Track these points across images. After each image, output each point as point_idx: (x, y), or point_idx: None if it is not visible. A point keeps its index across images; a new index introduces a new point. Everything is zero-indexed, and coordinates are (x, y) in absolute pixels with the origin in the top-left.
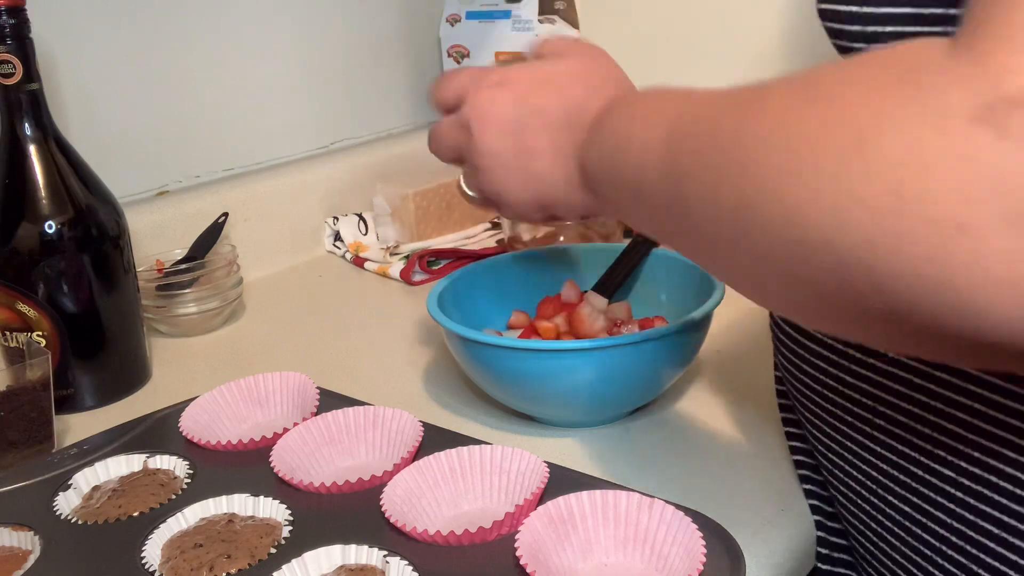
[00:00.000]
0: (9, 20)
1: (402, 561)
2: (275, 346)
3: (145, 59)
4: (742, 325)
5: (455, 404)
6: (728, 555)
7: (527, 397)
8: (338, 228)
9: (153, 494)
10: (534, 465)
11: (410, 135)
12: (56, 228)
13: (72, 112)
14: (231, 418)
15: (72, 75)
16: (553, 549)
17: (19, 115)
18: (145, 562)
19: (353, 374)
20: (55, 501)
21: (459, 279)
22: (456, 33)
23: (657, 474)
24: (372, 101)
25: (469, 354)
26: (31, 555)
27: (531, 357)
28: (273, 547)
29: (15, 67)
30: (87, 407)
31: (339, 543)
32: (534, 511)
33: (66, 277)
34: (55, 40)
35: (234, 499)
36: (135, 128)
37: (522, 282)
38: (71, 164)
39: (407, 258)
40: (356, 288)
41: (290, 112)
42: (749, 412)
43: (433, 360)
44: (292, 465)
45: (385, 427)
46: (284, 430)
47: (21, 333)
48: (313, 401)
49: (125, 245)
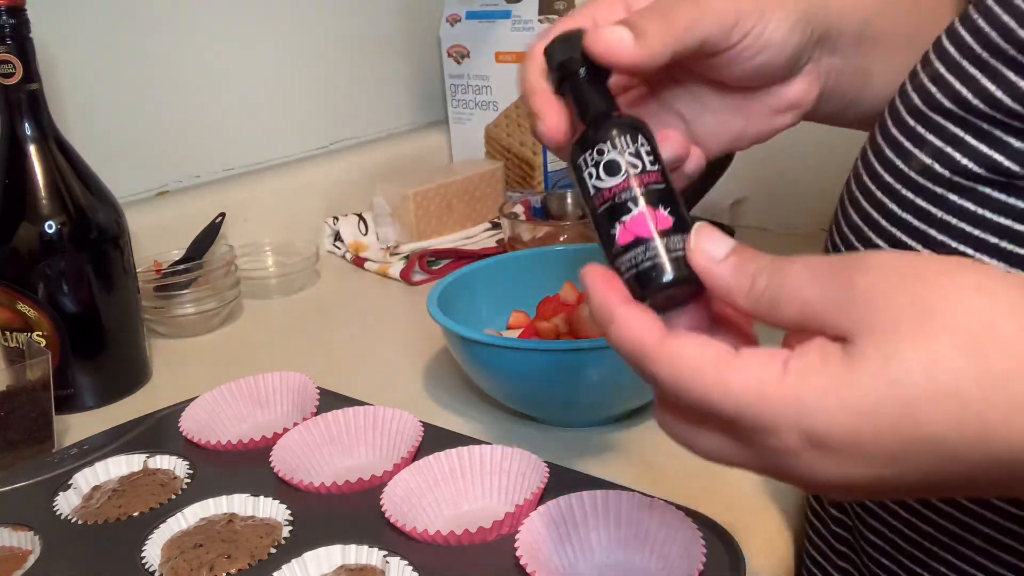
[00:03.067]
0: (9, 20)
1: (402, 561)
2: (275, 346)
3: (145, 59)
4: None
5: (455, 404)
6: (728, 555)
7: (527, 397)
8: (338, 228)
9: (153, 494)
10: (534, 465)
11: (410, 135)
12: (56, 228)
13: (72, 112)
14: (231, 418)
15: (72, 75)
16: (553, 549)
17: (19, 115)
18: (145, 562)
19: (353, 374)
20: (55, 501)
21: (459, 279)
22: (456, 33)
23: (657, 474)
24: (372, 101)
25: (469, 354)
26: (31, 555)
27: (531, 357)
28: (273, 547)
29: (15, 67)
30: (87, 407)
31: (339, 543)
32: (534, 511)
33: (66, 277)
34: (55, 40)
35: (234, 499)
36: (135, 128)
37: (522, 282)
38: (71, 164)
39: (407, 258)
40: (356, 288)
41: (290, 112)
42: None
43: (433, 360)
44: (292, 465)
45: (385, 427)
46: (284, 430)
47: (21, 333)
48: (313, 401)
49: (125, 245)
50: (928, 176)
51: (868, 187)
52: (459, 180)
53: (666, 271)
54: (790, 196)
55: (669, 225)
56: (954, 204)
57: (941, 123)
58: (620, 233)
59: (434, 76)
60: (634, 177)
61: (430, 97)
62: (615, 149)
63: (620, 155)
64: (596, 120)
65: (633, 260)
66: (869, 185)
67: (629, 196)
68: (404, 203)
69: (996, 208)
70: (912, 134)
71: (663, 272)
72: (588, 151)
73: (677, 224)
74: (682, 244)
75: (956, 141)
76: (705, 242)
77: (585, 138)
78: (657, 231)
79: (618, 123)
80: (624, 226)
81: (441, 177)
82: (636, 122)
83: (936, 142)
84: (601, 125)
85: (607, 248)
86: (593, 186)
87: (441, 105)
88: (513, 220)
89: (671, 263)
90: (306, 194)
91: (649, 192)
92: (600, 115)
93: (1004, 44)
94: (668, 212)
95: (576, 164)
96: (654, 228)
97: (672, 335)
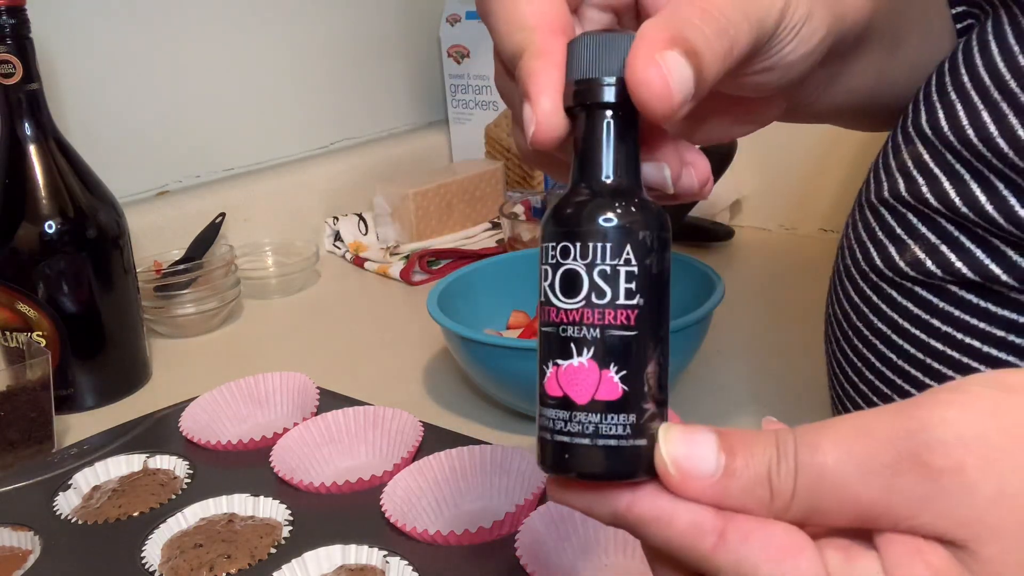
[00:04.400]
0: (9, 20)
1: (402, 561)
2: (275, 346)
3: (145, 59)
4: (742, 325)
5: (455, 404)
6: None
7: (527, 397)
8: (338, 228)
9: (153, 494)
10: (534, 465)
11: (410, 135)
12: (56, 228)
13: (72, 112)
14: (231, 418)
15: (72, 75)
16: (553, 549)
17: (19, 115)
18: (145, 562)
19: (353, 374)
20: (55, 501)
21: (459, 279)
22: (456, 33)
23: None
24: (372, 101)
25: (469, 354)
26: (31, 555)
27: (531, 357)
28: (273, 547)
29: (15, 67)
30: (87, 407)
31: (339, 543)
32: (534, 511)
33: (66, 277)
34: (55, 40)
35: (234, 499)
36: (135, 128)
37: (522, 282)
38: (71, 164)
39: (407, 258)
40: (356, 288)
41: (290, 112)
42: (749, 412)
43: (433, 360)
44: (292, 465)
45: (385, 427)
46: (284, 430)
47: (21, 333)
48: (313, 401)
49: (125, 245)
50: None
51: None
52: (459, 180)
53: (583, 461)
54: (790, 196)
55: (615, 396)
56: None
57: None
58: (549, 379)
59: (434, 76)
60: (593, 310)
61: (430, 97)
62: (584, 258)
63: (587, 270)
64: (591, 191)
65: (552, 423)
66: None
67: (575, 335)
68: (404, 203)
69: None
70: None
71: (579, 460)
72: (554, 237)
73: (628, 397)
74: (626, 429)
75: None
76: (683, 450)
77: (561, 213)
78: (592, 400)
79: (616, 215)
80: (557, 372)
81: (441, 177)
82: (643, 218)
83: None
84: (589, 207)
85: (537, 377)
86: (543, 289)
87: (441, 105)
88: (513, 220)
89: (594, 451)
90: (306, 194)
91: (605, 340)
92: (599, 188)
93: None
94: (621, 377)
95: (542, 236)
96: (590, 395)
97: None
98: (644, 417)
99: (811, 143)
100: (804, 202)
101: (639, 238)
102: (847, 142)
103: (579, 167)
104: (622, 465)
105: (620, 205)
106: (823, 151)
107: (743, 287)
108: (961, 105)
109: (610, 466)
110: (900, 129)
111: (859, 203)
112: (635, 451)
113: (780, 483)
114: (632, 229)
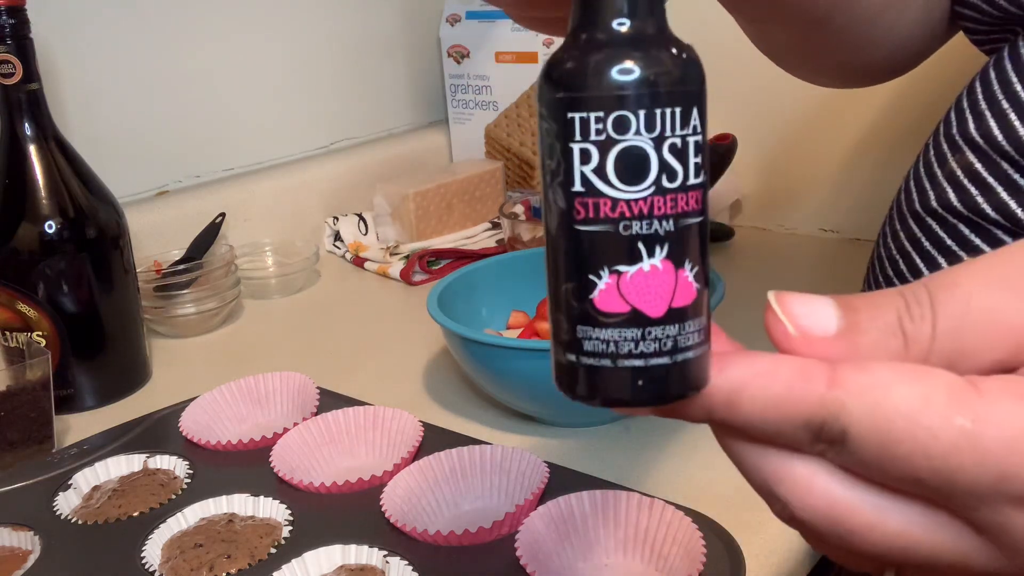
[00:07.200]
0: (9, 20)
1: (402, 561)
2: (275, 346)
3: (145, 59)
4: (742, 325)
5: (455, 404)
6: (728, 555)
7: (527, 397)
8: (338, 228)
9: (153, 494)
10: (534, 465)
11: (410, 135)
12: (56, 228)
13: (72, 112)
14: (231, 418)
15: (72, 75)
16: (553, 549)
17: (19, 115)
18: (145, 562)
19: (353, 374)
20: (55, 501)
21: (459, 279)
22: (456, 33)
23: (657, 474)
24: (372, 101)
25: (469, 354)
26: (31, 555)
27: (531, 357)
28: (273, 547)
29: (15, 67)
30: (87, 407)
31: (339, 543)
32: (534, 511)
33: (66, 277)
34: (55, 40)
35: (234, 499)
36: (135, 128)
37: (522, 282)
38: (71, 164)
39: (407, 258)
40: (356, 288)
41: (290, 112)
42: None
43: (433, 360)
44: (292, 465)
45: (385, 427)
46: (284, 430)
47: (21, 333)
48: (313, 401)
49: (125, 245)
50: None
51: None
52: (459, 180)
53: (661, 386)
54: (790, 196)
55: (691, 300)
56: None
57: None
58: (605, 292)
59: (434, 76)
60: (664, 197)
61: (430, 97)
62: (651, 130)
63: (656, 145)
64: (638, 35)
65: (614, 346)
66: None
67: (643, 231)
68: (404, 203)
69: None
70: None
71: (657, 386)
72: (597, 103)
73: (700, 297)
74: (700, 335)
75: None
76: (802, 308)
77: (604, 67)
78: (670, 310)
79: (682, 69)
80: (618, 282)
81: (441, 177)
82: (699, 71)
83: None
84: (649, 59)
85: (559, 290)
86: (577, 176)
87: (441, 105)
88: (513, 220)
89: (675, 370)
90: (306, 194)
91: (680, 232)
92: (650, 33)
93: None
94: (695, 275)
95: (556, 110)
96: (667, 303)
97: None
98: (709, 316)
99: (811, 143)
100: (804, 202)
101: (705, 98)
102: (847, 142)
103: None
104: (703, 379)
105: (681, 55)
106: (823, 151)
107: (743, 287)
108: (1015, 114)
109: (692, 381)
110: (944, 136)
111: (899, 213)
112: (708, 359)
113: (915, 328)
114: (702, 89)
